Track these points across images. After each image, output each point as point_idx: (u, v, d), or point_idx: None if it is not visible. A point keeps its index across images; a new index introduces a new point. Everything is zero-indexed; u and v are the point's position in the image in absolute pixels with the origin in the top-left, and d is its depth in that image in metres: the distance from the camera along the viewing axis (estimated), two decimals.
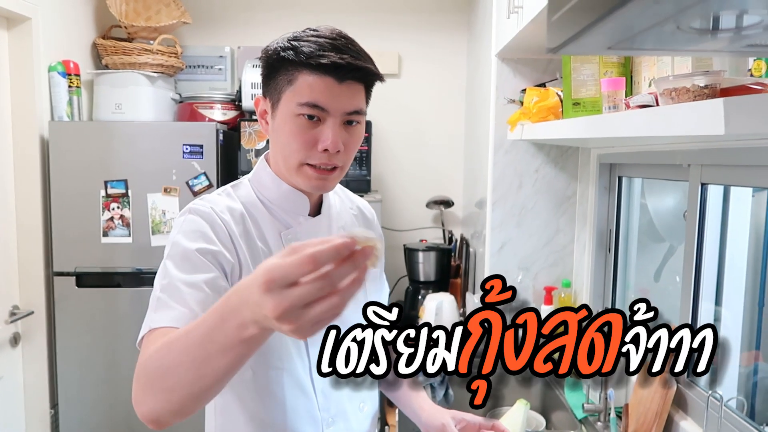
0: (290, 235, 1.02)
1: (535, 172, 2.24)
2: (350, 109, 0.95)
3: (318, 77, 0.92)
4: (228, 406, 0.99)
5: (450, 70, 3.06)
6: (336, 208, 1.13)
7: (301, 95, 0.92)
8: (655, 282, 1.91)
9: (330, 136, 0.93)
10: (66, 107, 2.39)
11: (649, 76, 1.36)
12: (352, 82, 0.94)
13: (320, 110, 0.93)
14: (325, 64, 0.90)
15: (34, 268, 2.34)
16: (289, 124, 0.94)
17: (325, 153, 0.94)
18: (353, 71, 0.93)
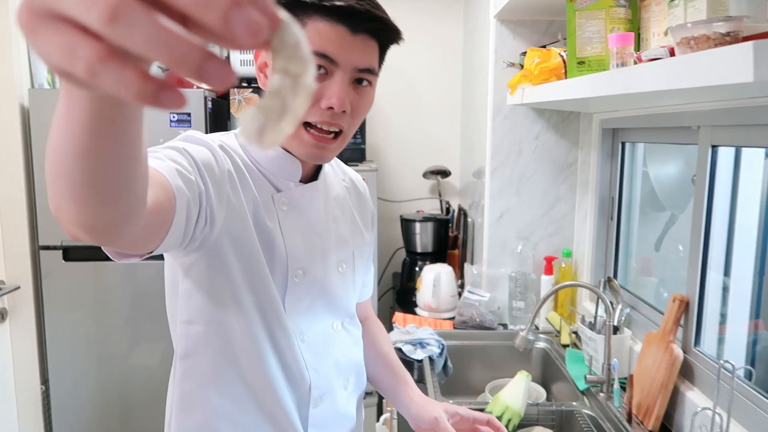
0: (284, 198, 0.93)
1: (535, 139, 2.17)
2: (362, 65, 0.85)
3: (330, 24, 0.82)
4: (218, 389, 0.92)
5: (445, 34, 2.96)
6: (330, 177, 1.05)
7: (310, 41, 0.83)
8: (655, 251, 1.86)
9: (337, 91, 0.83)
10: (47, 74, 2.29)
11: (659, 31, 1.28)
12: (366, 36, 0.84)
13: (329, 61, 0.83)
14: (340, 7, 0.80)
15: (18, 242, 2.27)
16: None
17: (328, 111, 0.84)
18: (370, 21, 0.83)
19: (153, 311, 2.32)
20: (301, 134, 0.87)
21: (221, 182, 0.83)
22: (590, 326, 1.78)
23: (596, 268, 2.03)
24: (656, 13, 1.29)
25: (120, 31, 0.27)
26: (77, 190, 0.48)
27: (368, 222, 1.14)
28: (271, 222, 0.91)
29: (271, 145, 0.34)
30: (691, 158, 1.64)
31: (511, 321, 2.19)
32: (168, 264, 0.94)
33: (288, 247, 0.92)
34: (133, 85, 0.29)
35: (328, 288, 0.99)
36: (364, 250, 1.10)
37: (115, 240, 0.57)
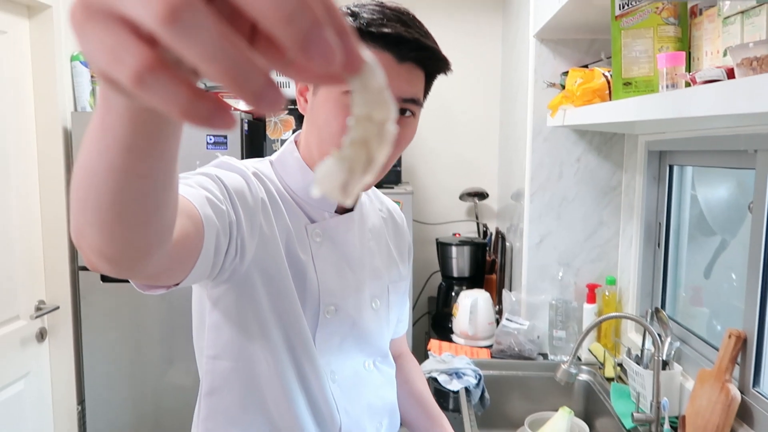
0: (317, 229, 0.89)
1: (577, 161, 2.09)
2: (407, 95, 0.82)
3: (375, 51, 0.79)
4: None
5: (484, 54, 2.91)
6: (366, 208, 1.00)
7: None
8: (705, 279, 1.76)
9: None
10: (89, 97, 2.33)
11: (712, 50, 1.21)
12: (412, 65, 0.81)
13: None
14: (386, 35, 0.78)
15: (59, 263, 2.30)
16: (332, 102, 0.81)
17: None
18: (417, 50, 0.80)
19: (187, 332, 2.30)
20: None
21: (254, 212, 0.80)
22: (637, 360, 1.68)
23: (642, 297, 1.93)
24: (709, 31, 1.22)
25: (178, 34, 0.24)
26: (103, 212, 0.44)
27: (404, 255, 1.10)
28: (303, 254, 0.87)
29: (353, 197, 0.31)
30: (743, 180, 1.55)
31: (551, 351, 2.09)
32: (196, 296, 0.91)
33: (320, 281, 0.88)
34: (182, 101, 0.26)
35: (361, 325, 0.94)
36: (399, 285, 1.05)
37: (137, 271, 0.54)
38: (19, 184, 2.15)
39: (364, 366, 0.97)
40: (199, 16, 0.23)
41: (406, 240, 1.12)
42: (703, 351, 1.59)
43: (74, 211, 0.47)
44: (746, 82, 0.74)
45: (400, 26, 0.78)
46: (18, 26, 2.13)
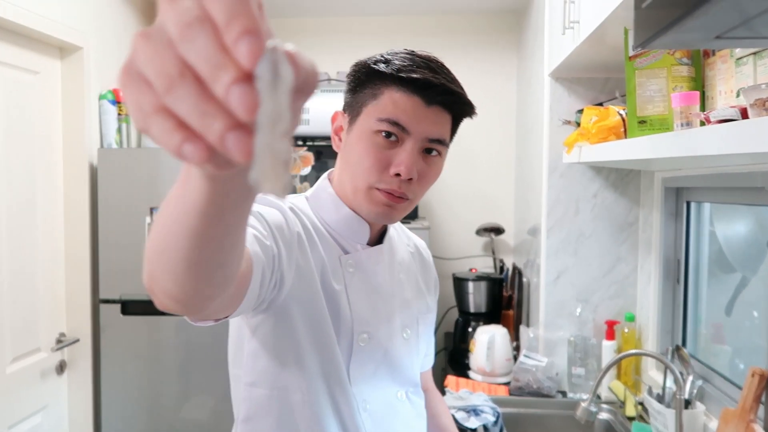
0: (350, 260, 0.93)
1: (593, 197, 2.10)
2: (433, 136, 0.87)
3: (405, 94, 0.86)
4: None
5: (499, 91, 2.96)
6: (395, 241, 1.05)
7: (383, 110, 0.86)
8: (726, 316, 1.74)
9: (405, 159, 0.85)
10: (115, 135, 2.41)
11: (726, 90, 1.23)
12: (439, 108, 0.87)
13: (400, 129, 0.86)
14: (415, 80, 0.84)
15: (81, 296, 2.34)
16: (365, 141, 0.87)
17: (396, 178, 0.86)
18: (443, 94, 0.86)
19: (203, 365, 2.32)
20: (374, 195, 0.88)
21: (291, 245, 0.83)
22: (658, 398, 1.65)
23: (662, 334, 1.91)
24: (722, 71, 1.25)
25: (171, 102, 0.29)
26: (176, 265, 0.49)
27: (431, 288, 1.13)
28: (337, 284, 0.91)
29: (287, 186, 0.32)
30: (762, 217, 1.54)
31: (570, 388, 2.07)
32: (234, 325, 0.94)
33: (353, 310, 0.91)
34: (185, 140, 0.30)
35: (393, 354, 0.96)
36: (427, 317, 1.08)
37: (203, 311, 0.59)
38: (44, 218, 2.20)
39: (396, 396, 0.98)
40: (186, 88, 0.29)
41: (433, 275, 1.15)
42: (726, 390, 1.56)
43: (150, 259, 0.52)
44: (760, 123, 0.76)
45: (429, 72, 0.85)
46: (50, 67, 2.22)
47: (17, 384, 2.07)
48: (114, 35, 2.51)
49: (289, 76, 0.30)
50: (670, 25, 0.41)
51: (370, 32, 2.96)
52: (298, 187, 2.48)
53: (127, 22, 2.62)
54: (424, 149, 0.88)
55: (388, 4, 2.81)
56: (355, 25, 2.98)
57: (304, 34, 2.99)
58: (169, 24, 0.29)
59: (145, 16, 2.76)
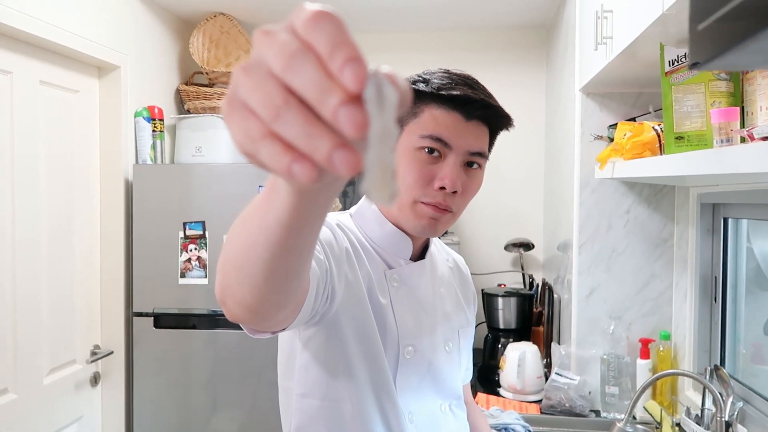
0: (395, 275, 0.96)
1: (626, 213, 2.08)
2: (474, 149, 0.91)
3: (445, 111, 0.90)
4: None
5: (528, 106, 2.95)
6: (436, 257, 1.08)
7: (425, 127, 0.89)
8: (765, 336, 1.70)
9: (449, 172, 0.88)
10: (150, 151, 2.46)
11: (766, 105, 1.21)
12: (478, 122, 0.92)
13: (443, 145, 0.89)
14: (456, 96, 0.88)
15: (115, 309, 2.38)
16: (408, 157, 0.90)
17: (440, 192, 0.89)
18: (482, 109, 0.90)
19: (233, 378, 2.34)
20: (419, 208, 0.91)
21: (340, 260, 0.86)
22: (697, 420, 1.62)
23: (699, 353, 1.87)
24: (763, 86, 1.22)
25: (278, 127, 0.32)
26: (255, 276, 0.52)
27: (470, 302, 1.15)
28: (383, 298, 0.93)
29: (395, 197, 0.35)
30: None
31: (603, 408, 2.03)
32: (286, 339, 0.96)
33: (399, 323, 0.94)
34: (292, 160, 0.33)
35: (436, 366, 0.98)
36: (467, 330, 1.10)
37: (272, 320, 0.62)
38: (81, 232, 2.26)
39: (440, 409, 1.00)
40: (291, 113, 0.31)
41: (471, 289, 1.18)
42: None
43: (225, 273, 0.55)
44: None
45: (467, 89, 0.89)
46: (89, 85, 2.28)
47: (54, 395, 2.11)
48: (151, 54, 2.57)
49: (393, 95, 0.33)
50: (729, 48, 0.41)
51: (401, 48, 2.98)
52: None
53: (163, 41, 2.69)
54: (466, 163, 0.91)
55: (417, 21, 2.83)
56: (386, 41, 3.00)
57: None
58: (270, 56, 0.31)
59: (180, 36, 2.82)
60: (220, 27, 2.74)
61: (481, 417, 1.21)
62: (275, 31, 0.32)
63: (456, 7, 2.62)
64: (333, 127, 0.31)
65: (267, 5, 2.60)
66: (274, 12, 2.69)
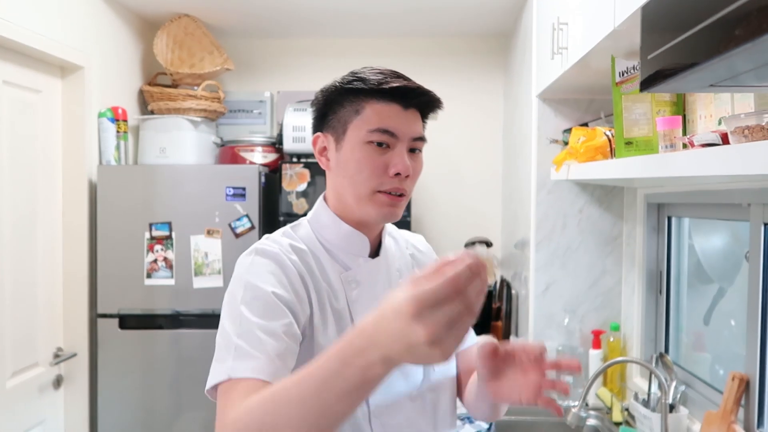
0: (350, 278, 1.00)
1: (579, 212, 2.20)
2: (416, 135, 0.98)
3: (386, 104, 0.96)
4: None
5: (486, 111, 3.07)
6: (392, 251, 1.10)
7: (370, 122, 0.95)
8: (705, 325, 1.84)
9: (401, 159, 0.95)
10: (114, 152, 2.45)
11: (705, 114, 1.34)
12: (414, 110, 0.98)
13: (390, 136, 0.96)
14: (394, 88, 0.95)
15: (78, 310, 2.36)
16: (359, 152, 0.96)
17: (396, 178, 0.96)
18: (418, 97, 0.97)
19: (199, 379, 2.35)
20: (379, 198, 0.96)
21: (301, 296, 0.92)
22: (644, 404, 1.75)
23: (646, 342, 2.01)
24: (702, 97, 1.35)
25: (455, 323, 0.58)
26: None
27: None
28: (340, 303, 0.97)
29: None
30: (737, 231, 1.65)
31: (559, 396, 2.15)
32: None
33: (357, 323, 0.96)
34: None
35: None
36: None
37: None
38: (44, 233, 2.23)
39: (410, 398, 0.99)
40: (444, 330, 0.57)
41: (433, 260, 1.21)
42: (708, 394, 1.66)
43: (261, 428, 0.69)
44: (740, 148, 0.85)
45: (403, 80, 0.97)
46: (52, 86, 2.26)
47: (16, 398, 2.08)
48: (114, 55, 2.56)
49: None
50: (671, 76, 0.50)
51: (361, 53, 3.05)
52: (294, 203, 2.55)
53: (127, 42, 2.67)
54: (409, 149, 0.98)
55: (378, 27, 2.91)
56: (347, 46, 3.07)
57: (294, 54, 3.07)
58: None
59: (143, 37, 2.81)
60: (184, 28, 2.74)
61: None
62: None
63: (417, 14, 2.70)
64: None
65: (231, 7, 2.62)
66: (239, 14, 2.71)
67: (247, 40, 3.07)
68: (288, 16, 2.73)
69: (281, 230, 1.04)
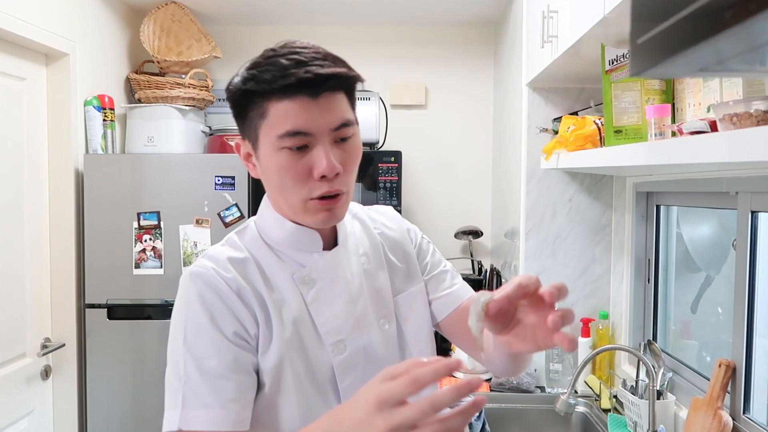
0: (303, 277, 0.91)
1: (569, 201, 2.21)
2: (336, 124, 0.84)
3: (290, 100, 0.81)
4: None
5: (476, 100, 3.06)
6: (355, 236, 1.00)
7: (277, 126, 0.82)
8: (692, 313, 1.86)
9: (322, 160, 0.82)
10: (100, 140, 2.42)
11: (694, 102, 1.34)
12: (328, 94, 0.83)
13: (304, 136, 0.82)
14: (291, 85, 0.80)
15: (66, 300, 2.34)
16: (276, 161, 0.84)
17: (323, 181, 0.84)
18: (325, 81, 0.81)
19: None
20: (311, 206, 0.86)
21: (242, 319, 0.86)
22: (632, 390, 1.76)
23: (634, 330, 2.03)
24: (691, 85, 1.35)
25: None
26: None
27: (410, 255, 1.05)
28: (294, 310, 0.89)
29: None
30: (724, 219, 1.66)
31: (548, 384, 2.17)
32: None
33: (319, 323, 0.90)
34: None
35: (373, 351, 0.93)
36: (413, 291, 1.02)
37: None
38: (30, 223, 2.21)
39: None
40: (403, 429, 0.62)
41: (406, 236, 1.07)
42: (695, 381, 1.67)
43: None
44: (728, 135, 0.86)
45: (299, 70, 0.80)
46: (36, 73, 2.23)
47: (2, 390, 2.07)
48: (100, 42, 2.52)
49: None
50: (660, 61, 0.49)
51: (350, 42, 3.03)
52: None
53: (113, 29, 2.64)
54: (335, 140, 0.85)
55: (368, 15, 2.88)
56: (336, 34, 3.04)
57: None
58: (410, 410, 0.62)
59: (130, 24, 2.77)
60: (171, 15, 2.71)
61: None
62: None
63: (406, 2, 2.69)
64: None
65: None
66: (227, 1, 2.68)
67: (236, 28, 3.04)
68: (277, 3, 2.71)
69: (226, 238, 0.96)
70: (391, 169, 2.51)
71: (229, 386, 0.81)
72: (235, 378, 0.82)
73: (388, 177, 2.51)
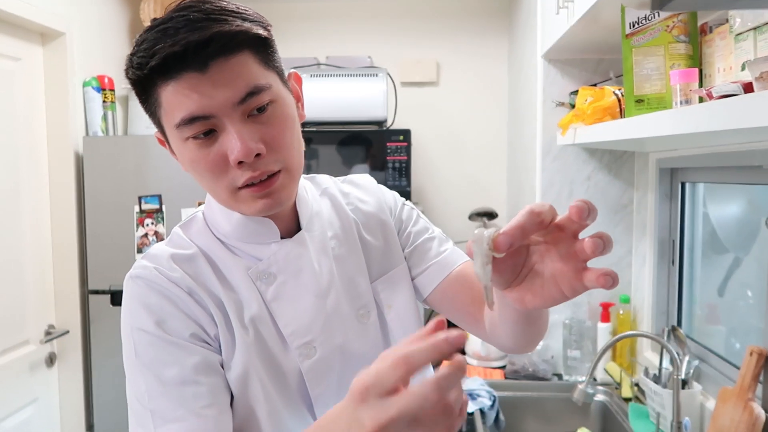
0: (260, 273, 0.79)
1: (587, 179, 2.09)
2: (239, 96, 0.68)
3: (175, 81, 0.67)
4: None
5: (490, 75, 2.93)
6: (323, 217, 0.87)
7: (172, 114, 0.69)
8: (719, 297, 1.75)
9: (234, 143, 0.68)
10: (101, 122, 2.36)
11: (724, 67, 1.22)
12: (221, 61, 0.67)
13: (204, 120, 0.68)
14: (164, 64, 0.65)
15: (69, 287, 2.30)
16: (186, 153, 0.72)
17: (243, 166, 0.70)
18: (204, 48, 0.65)
19: None
20: (242, 195, 0.73)
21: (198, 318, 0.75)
22: (655, 379, 1.66)
23: (657, 315, 1.91)
24: (720, 47, 1.23)
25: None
26: None
27: (389, 218, 0.93)
28: (254, 309, 0.78)
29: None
30: (754, 197, 1.54)
31: (566, 371, 2.07)
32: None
33: (282, 325, 0.78)
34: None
35: (350, 348, 0.82)
36: (394, 274, 0.89)
37: None
38: (30, 209, 2.16)
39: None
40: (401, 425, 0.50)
41: (384, 207, 0.94)
42: (723, 369, 1.56)
43: None
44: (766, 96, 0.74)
45: (165, 43, 0.65)
46: (32, 53, 2.16)
47: (6, 377, 2.03)
48: (98, 21, 2.45)
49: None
50: None
51: (358, 16, 2.91)
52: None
53: (111, 7, 2.56)
54: (249, 113, 0.70)
55: None
56: (342, 8, 2.93)
57: (291, 18, 2.94)
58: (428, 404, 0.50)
59: (129, 2, 2.69)
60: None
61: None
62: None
63: None
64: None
65: None
66: None
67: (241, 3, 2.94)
68: None
69: (172, 232, 0.83)
70: (400, 149, 2.41)
71: (199, 391, 0.71)
72: (204, 381, 0.72)
73: (397, 156, 2.41)
